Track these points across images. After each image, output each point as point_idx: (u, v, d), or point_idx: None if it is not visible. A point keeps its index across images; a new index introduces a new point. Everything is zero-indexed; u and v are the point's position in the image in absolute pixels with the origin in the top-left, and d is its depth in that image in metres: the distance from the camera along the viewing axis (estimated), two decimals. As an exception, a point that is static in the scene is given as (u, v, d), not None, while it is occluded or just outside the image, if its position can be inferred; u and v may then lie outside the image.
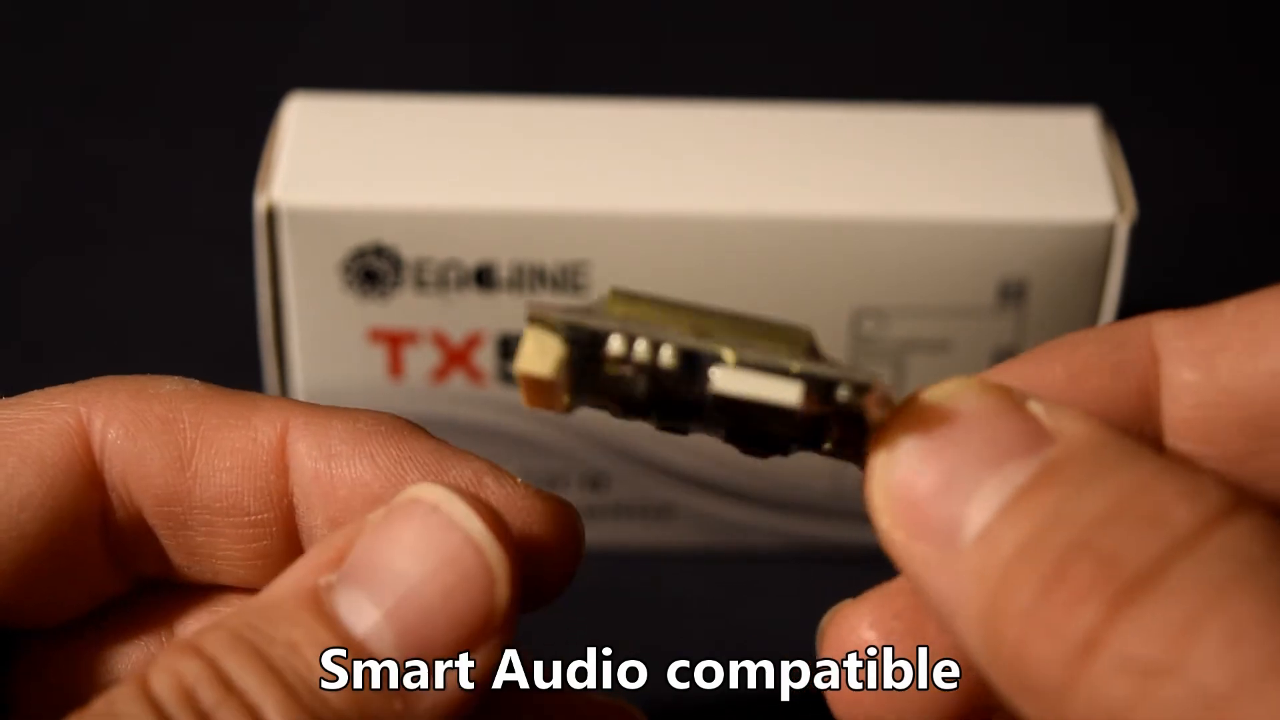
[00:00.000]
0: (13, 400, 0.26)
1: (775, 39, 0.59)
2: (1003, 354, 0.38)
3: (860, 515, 0.41)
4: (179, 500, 0.26)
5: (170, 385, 0.26)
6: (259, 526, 0.26)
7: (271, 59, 0.58)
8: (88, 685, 0.26)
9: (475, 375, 0.39)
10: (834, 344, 0.38)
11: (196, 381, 0.26)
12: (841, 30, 0.59)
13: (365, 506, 0.25)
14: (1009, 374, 0.24)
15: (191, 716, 0.21)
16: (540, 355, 0.23)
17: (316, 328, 0.38)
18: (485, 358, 0.38)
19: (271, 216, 0.37)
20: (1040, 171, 0.38)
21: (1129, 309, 0.39)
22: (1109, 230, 0.37)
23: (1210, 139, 0.56)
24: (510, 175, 0.37)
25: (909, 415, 0.22)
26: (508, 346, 0.38)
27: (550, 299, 0.37)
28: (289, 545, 0.26)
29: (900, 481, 0.22)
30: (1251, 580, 0.19)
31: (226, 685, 0.22)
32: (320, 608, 0.23)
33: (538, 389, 0.23)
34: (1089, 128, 0.39)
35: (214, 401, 0.26)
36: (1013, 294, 0.38)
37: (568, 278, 0.37)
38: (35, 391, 0.26)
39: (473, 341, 0.38)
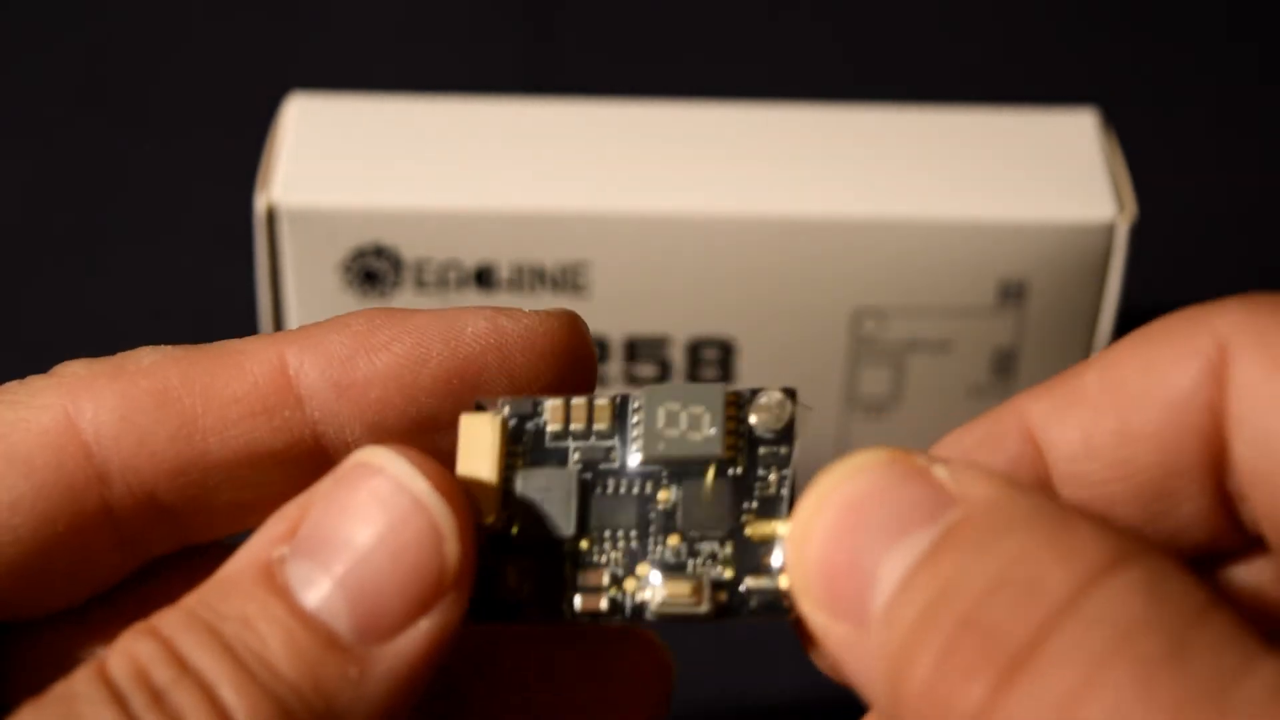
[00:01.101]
0: None
1: (775, 39, 0.59)
2: (1003, 354, 0.38)
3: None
4: (194, 468, 0.25)
5: (149, 356, 0.25)
6: (291, 464, 0.25)
7: (271, 59, 0.58)
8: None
9: (475, 375, 0.39)
10: (834, 344, 0.38)
11: (170, 346, 0.26)
12: (842, 30, 0.59)
13: (401, 397, 0.25)
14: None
15: (146, 696, 0.21)
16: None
17: (316, 328, 0.38)
18: (485, 358, 0.38)
19: (271, 216, 0.37)
20: (1040, 171, 0.38)
21: (1129, 309, 0.39)
22: (1109, 230, 0.37)
23: (1210, 139, 0.56)
24: (510, 175, 0.37)
25: (817, 496, 0.22)
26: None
27: (550, 299, 0.37)
28: (320, 468, 0.25)
29: (813, 564, 0.22)
30: (1127, 650, 0.19)
31: (181, 664, 0.22)
32: (273, 581, 0.22)
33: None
34: (1089, 128, 0.39)
35: (198, 360, 0.25)
36: (1013, 294, 0.38)
37: (568, 278, 0.37)
38: (13, 384, 0.25)
39: (473, 341, 0.38)
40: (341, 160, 0.37)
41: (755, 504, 0.23)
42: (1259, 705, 0.19)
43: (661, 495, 0.23)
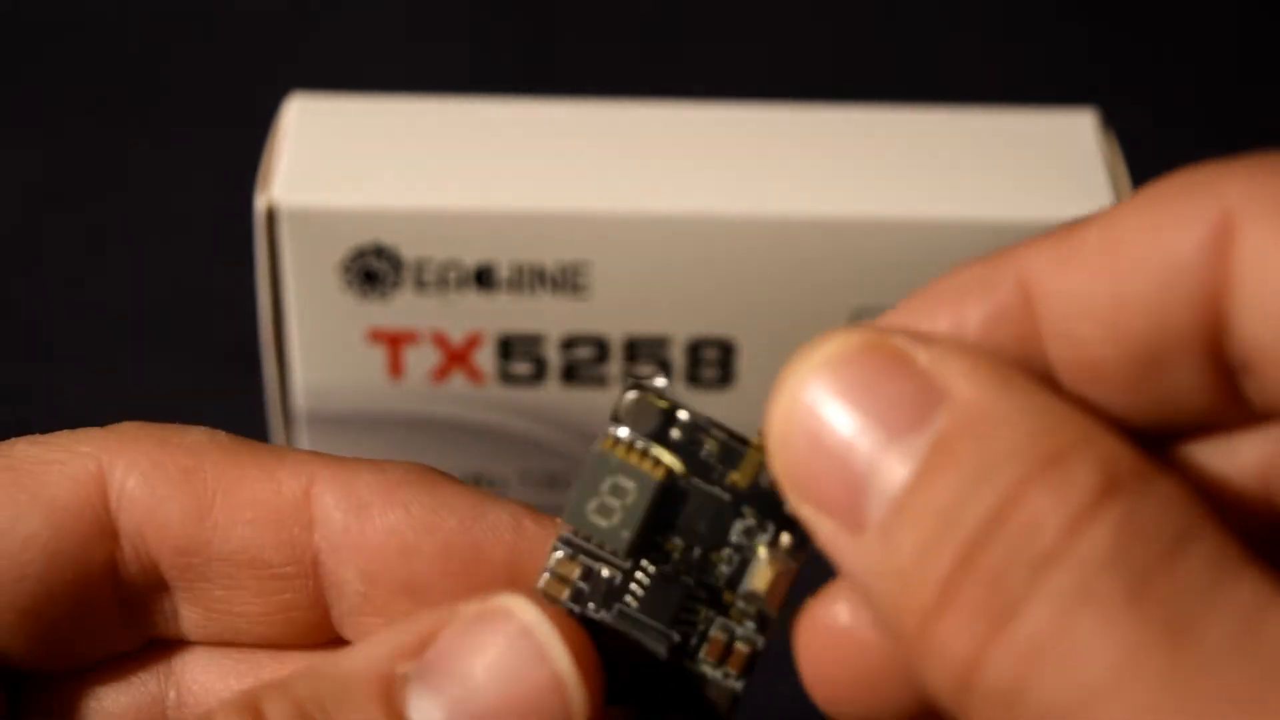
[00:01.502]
0: (41, 438, 0.26)
1: (775, 39, 0.59)
2: (1003, 354, 0.38)
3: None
4: (198, 551, 0.25)
5: (195, 435, 0.26)
6: (282, 580, 0.25)
7: (271, 59, 0.58)
8: None
9: (475, 375, 0.39)
10: (834, 344, 0.38)
11: (223, 433, 0.26)
12: (841, 30, 0.59)
13: (401, 557, 0.25)
14: (898, 321, 0.23)
15: None
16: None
17: (316, 328, 0.38)
18: (485, 358, 0.38)
19: (271, 216, 0.37)
20: (1040, 171, 0.38)
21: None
22: (1109, 230, 0.37)
23: (1210, 139, 0.56)
24: (510, 175, 0.37)
25: (791, 391, 0.22)
26: (507, 347, 0.38)
27: (550, 299, 0.37)
28: (313, 600, 0.26)
29: (797, 459, 0.22)
30: (1098, 595, 0.19)
31: None
32: (391, 702, 0.22)
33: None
34: (1089, 128, 0.39)
35: (238, 452, 0.25)
36: (1013, 294, 0.38)
37: (568, 278, 0.37)
38: (65, 431, 0.26)
39: (473, 341, 0.38)
40: (341, 160, 0.37)
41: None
42: (1217, 647, 0.19)
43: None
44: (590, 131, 0.39)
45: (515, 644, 0.22)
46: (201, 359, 0.48)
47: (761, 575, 0.23)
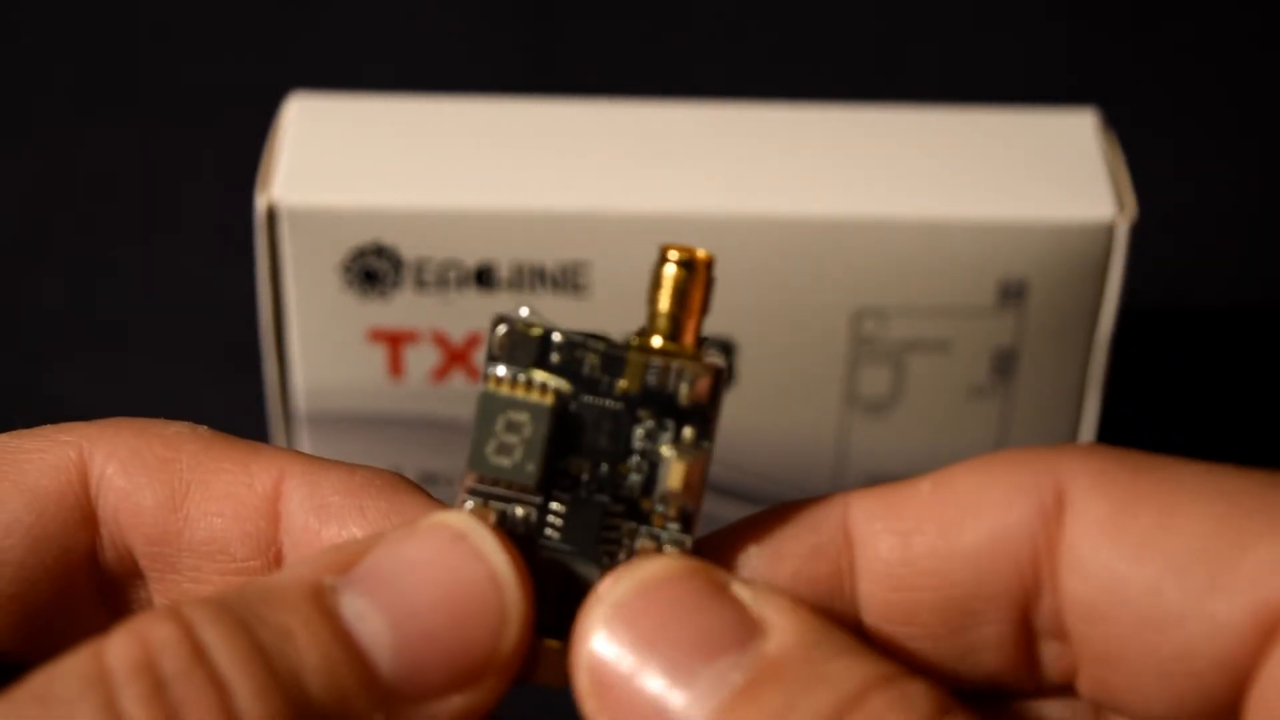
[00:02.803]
0: (24, 431, 0.26)
1: (775, 39, 0.59)
2: (1003, 354, 0.38)
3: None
4: (168, 541, 0.25)
5: (176, 427, 0.26)
6: (246, 574, 0.25)
7: (271, 59, 0.58)
8: None
9: (475, 375, 0.39)
10: (834, 344, 0.38)
11: (203, 427, 0.26)
12: (841, 30, 0.59)
13: None
14: (710, 546, 0.24)
15: (143, 689, 0.21)
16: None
17: (316, 328, 0.38)
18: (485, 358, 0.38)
19: (271, 216, 0.37)
20: (1040, 171, 0.38)
21: (1129, 309, 0.39)
22: (1109, 230, 0.37)
23: (1210, 139, 0.56)
24: (510, 175, 0.37)
25: (615, 596, 0.22)
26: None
27: (550, 299, 0.37)
28: None
29: (609, 668, 0.22)
30: None
31: (197, 655, 0.21)
32: (322, 602, 0.22)
33: None
34: (1089, 128, 0.39)
35: (215, 446, 0.26)
36: (1013, 294, 0.38)
37: (568, 278, 0.37)
38: (48, 425, 0.26)
39: (473, 341, 0.38)
40: (341, 160, 0.37)
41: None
42: None
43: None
44: (590, 131, 0.39)
45: (449, 546, 0.22)
46: (201, 359, 0.48)
47: (674, 472, 0.23)
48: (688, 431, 0.23)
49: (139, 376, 0.48)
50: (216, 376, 0.48)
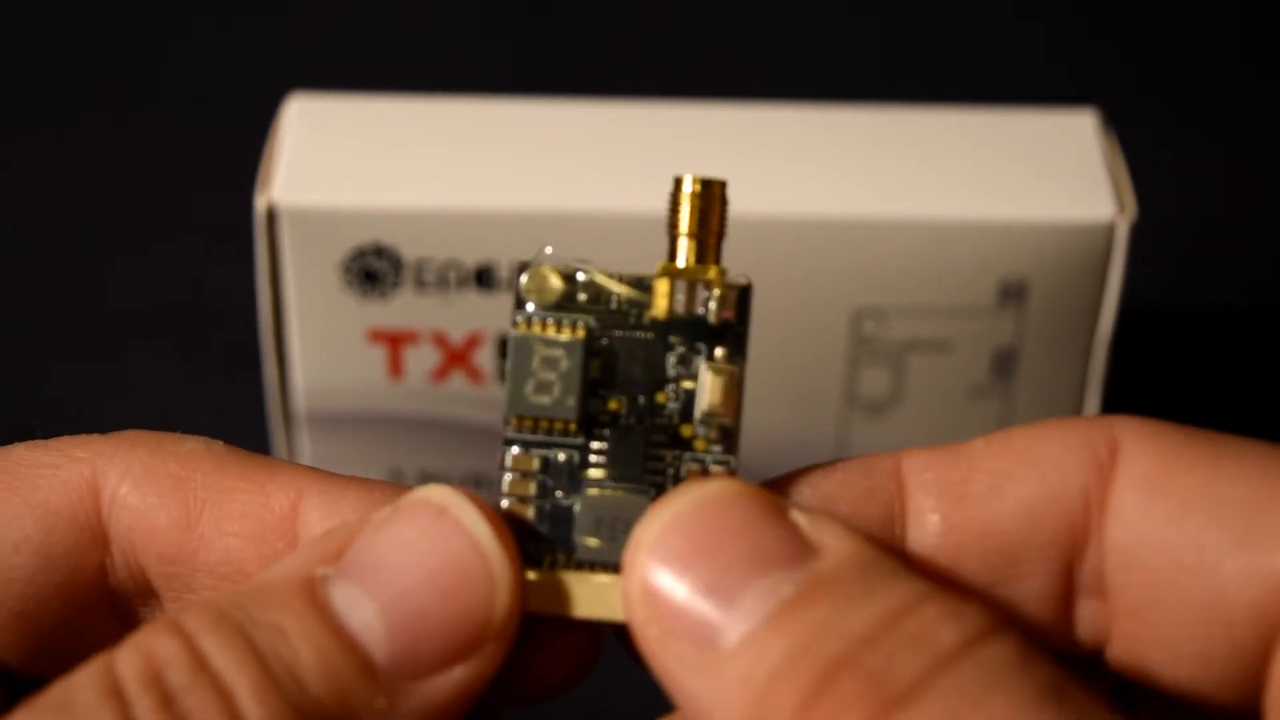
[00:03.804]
0: (39, 443, 0.26)
1: (775, 39, 0.59)
2: (1003, 354, 0.38)
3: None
4: (183, 561, 0.25)
5: (191, 444, 0.26)
6: None
7: (271, 59, 0.58)
8: None
9: (475, 375, 0.39)
10: (834, 344, 0.38)
11: (219, 443, 0.26)
12: (842, 30, 0.59)
13: None
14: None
15: (154, 699, 0.21)
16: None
17: (316, 328, 0.38)
18: (485, 358, 0.38)
19: (271, 216, 0.37)
20: (1040, 171, 0.38)
21: (1129, 309, 0.39)
22: (1109, 230, 0.37)
23: (1210, 139, 0.56)
24: (510, 175, 0.37)
25: (671, 513, 0.22)
26: (507, 346, 0.38)
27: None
28: None
29: (661, 580, 0.22)
30: (1009, 686, 0.20)
31: (199, 665, 0.21)
32: (313, 596, 0.22)
33: None
34: (1089, 128, 0.39)
35: (230, 464, 0.25)
36: (1013, 294, 0.38)
37: (568, 278, 0.37)
38: (64, 437, 0.26)
39: (473, 341, 0.38)
40: (341, 160, 0.37)
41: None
42: None
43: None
44: (590, 131, 0.39)
45: (431, 523, 0.23)
46: (201, 359, 0.48)
47: (711, 390, 0.23)
48: (719, 350, 0.24)
49: (139, 376, 0.48)
50: (216, 376, 0.48)
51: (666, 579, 0.22)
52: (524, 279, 0.24)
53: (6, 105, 0.56)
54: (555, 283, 0.24)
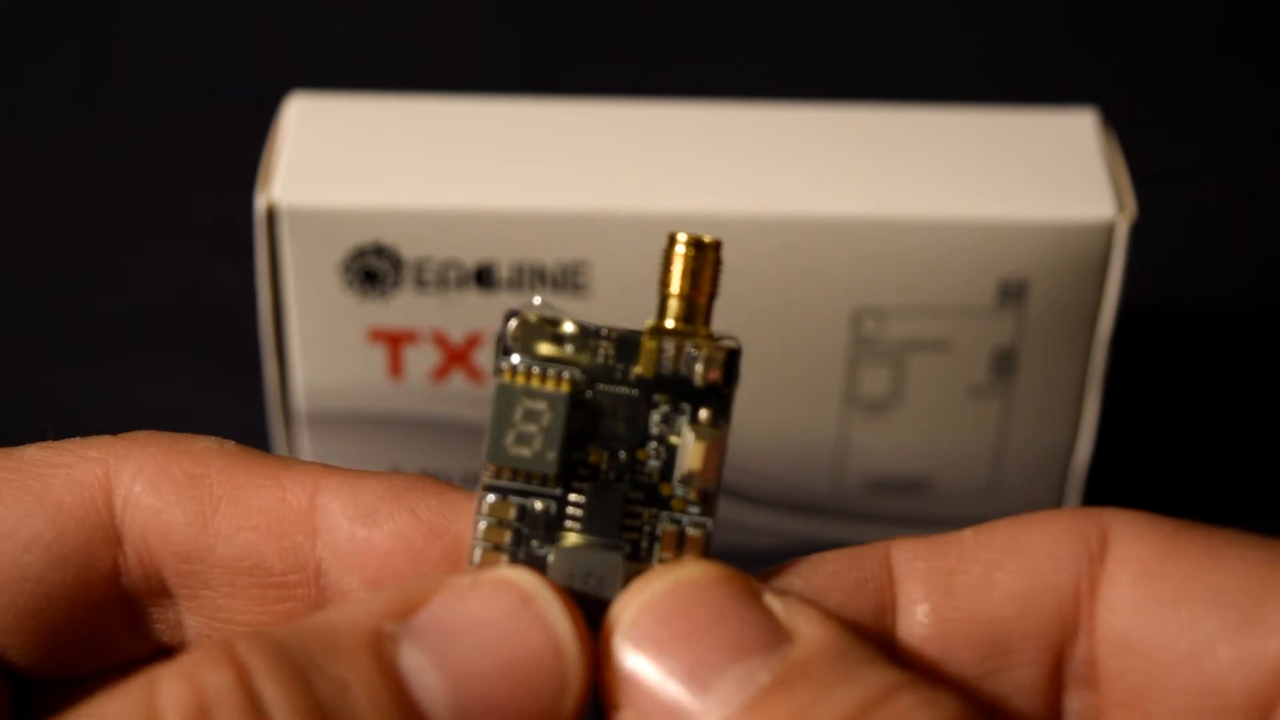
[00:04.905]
0: (52, 444, 0.26)
1: (775, 39, 0.59)
2: (1003, 354, 0.38)
3: (860, 515, 0.41)
4: (201, 558, 0.25)
5: (204, 443, 0.26)
6: (284, 589, 0.25)
7: (271, 59, 0.58)
8: None
9: (475, 375, 0.39)
10: (834, 344, 0.38)
11: (231, 442, 0.26)
12: (842, 30, 0.59)
13: (409, 562, 0.24)
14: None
15: None
16: None
17: (316, 327, 0.38)
18: (485, 357, 0.38)
19: (271, 216, 0.37)
20: (1040, 171, 0.38)
21: (1129, 309, 0.39)
22: (1109, 230, 0.37)
23: (1210, 139, 0.56)
24: (510, 175, 0.37)
25: (647, 596, 0.22)
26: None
27: (550, 298, 0.37)
28: (314, 609, 0.25)
29: (636, 664, 0.22)
30: None
31: (252, 707, 0.20)
32: (381, 654, 0.21)
33: None
34: (1089, 128, 0.39)
35: (245, 461, 0.25)
36: (1013, 294, 0.38)
37: (568, 277, 0.37)
38: (76, 438, 0.26)
39: (473, 341, 0.38)
40: (341, 160, 0.37)
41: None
42: None
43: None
44: (590, 131, 0.39)
45: (514, 609, 0.22)
46: (201, 359, 0.48)
47: (693, 453, 0.23)
48: (704, 413, 0.23)
49: (139, 376, 0.48)
50: (216, 376, 0.47)
51: (641, 663, 0.22)
52: (511, 326, 0.24)
53: (6, 105, 0.56)
54: (542, 333, 0.24)
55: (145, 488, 0.25)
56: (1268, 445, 0.46)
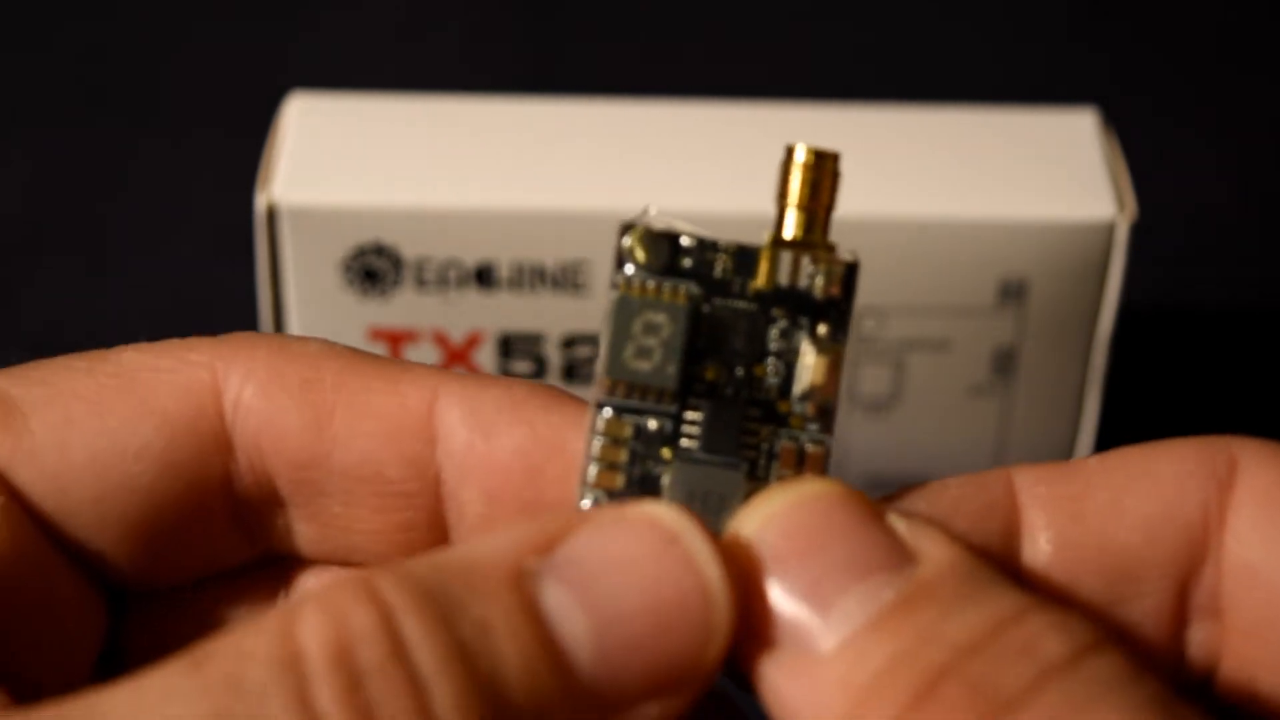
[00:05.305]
0: (151, 346, 0.25)
1: (775, 38, 0.59)
2: (1003, 353, 0.38)
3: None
4: (317, 465, 0.24)
5: (314, 345, 0.25)
6: (402, 497, 0.24)
7: (271, 59, 0.58)
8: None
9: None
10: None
11: (341, 345, 0.25)
12: (842, 30, 0.59)
13: (526, 477, 0.24)
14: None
15: (339, 685, 0.19)
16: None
17: (317, 326, 0.38)
18: (485, 357, 0.38)
19: (272, 215, 0.37)
20: (1040, 171, 0.38)
21: (1129, 308, 0.39)
22: (1109, 230, 0.37)
23: (1210, 139, 0.56)
24: (510, 175, 0.37)
25: (768, 511, 0.22)
26: (508, 346, 0.38)
27: (550, 298, 0.37)
28: (433, 520, 0.24)
29: (760, 580, 0.21)
30: (1117, 698, 0.20)
31: (396, 650, 0.19)
32: (523, 592, 0.20)
33: None
34: (1089, 128, 0.39)
35: (359, 364, 0.24)
36: (1013, 293, 0.38)
37: (567, 277, 0.37)
38: (176, 340, 0.25)
39: (473, 340, 0.38)
40: (342, 159, 0.37)
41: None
42: None
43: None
44: (590, 131, 0.39)
45: (661, 549, 0.21)
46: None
47: (813, 369, 0.23)
48: (823, 327, 0.23)
49: (139, 376, 0.48)
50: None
51: (767, 580, 0.21)
52: (626, 239, 0.23)
53: (7, 105, 0.56)
54: (660, 245, 0.23)
55: (256, 392, 0.24)
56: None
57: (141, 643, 0.25)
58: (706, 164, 0.38)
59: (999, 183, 0.38)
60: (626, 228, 0.23)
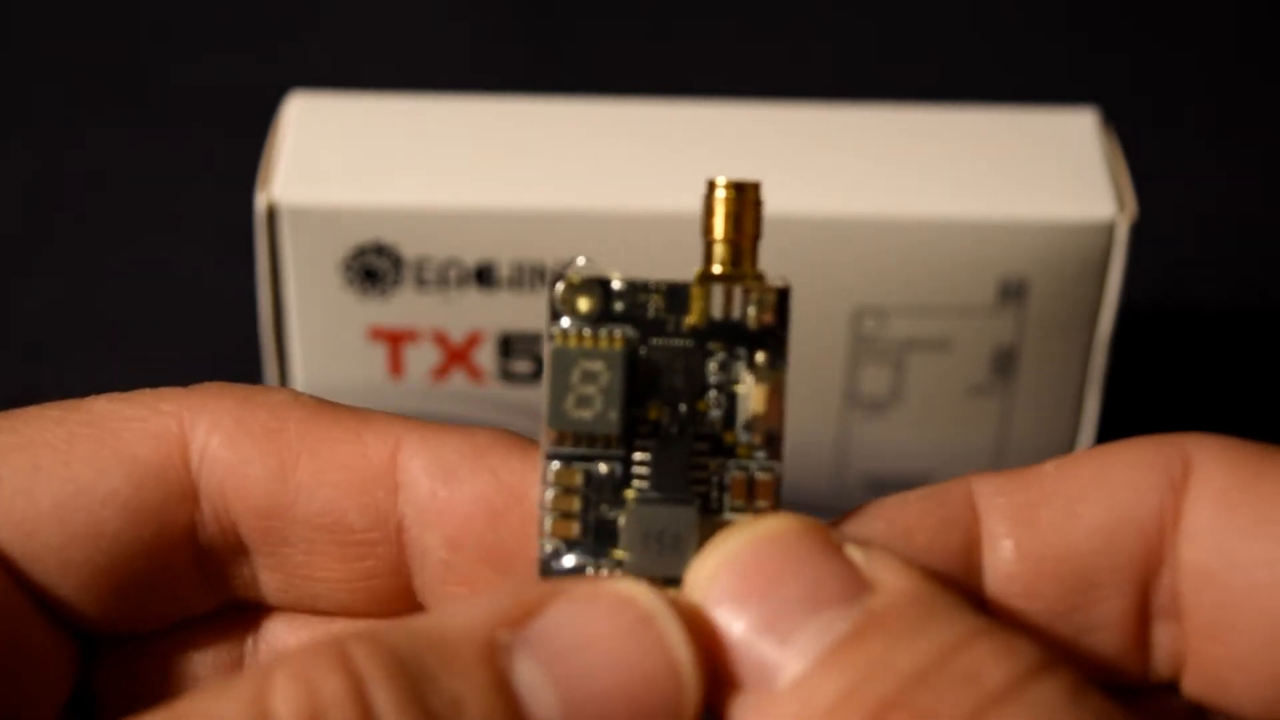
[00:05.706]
0: (123, 396, 0.25)
1: (775, 38, 0.59)
2: (1003, 353, 0.38)
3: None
4: (279, 514, 0.24)
5: (279, 395, 0.25)
6: (365, 546, 0.25)
7: (271, 59, 0.58)
8: (174, 694, 0.25)
9: (475, 374, 0.39)
10: (834, 343, 0.38)
11: (307, 394, 0.25)
12: (842, 29, 0.59)
13: (488, 524, 0.24)
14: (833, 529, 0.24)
15: None
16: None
17: (317, 326, 0.38)
18: (485, 356, 0.38)
19: (272, 215, 0.37)
20: (1040, 171, 0.38)
21: (1129, 308, 0.39)
22: (1109, 230, 0.37)
23: (1210, 139, 0.56)
24: (510, 174, 0.37)
25: (725, 552, 0.22)
26: (508, 345, 0.38)
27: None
28: (396, 567, 0.25)
29: (717, 618, 0.22)
30: None
31: (366, 718, 0.20)
32: (495, 666, 0.21)
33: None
34: (1089, 128, 0.39)
35: (323, 414, 0.25)
36: (1013, 293, 0.38)
37: (568, 277, 0.37)
38: (147, 390, 0.25)
39: (473, 340, 0.38)
40: (342, 159, 0.37)
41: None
42: None
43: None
44: (592, 130, 0.39)
45: (634, 628, 0.21)
46: (201, 359, 0.48)
47: (755, 397, 0.23)
48: (761, 356, 0.23)
49: (139, 376, 0.48)
50: (217, 376, 0.47)
51: (722, 616, 0.22)
52: (558, 290, 0.23)
53: (6, 104, 0.56)
54: (590, 294, 0.23)
55: (222, 442, 0.24)
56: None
57: (111, 688, 0.26)
58: (706, 164, 0.38)
59: (999, 182, 0.38)
60: (556, 278, 0.23)
